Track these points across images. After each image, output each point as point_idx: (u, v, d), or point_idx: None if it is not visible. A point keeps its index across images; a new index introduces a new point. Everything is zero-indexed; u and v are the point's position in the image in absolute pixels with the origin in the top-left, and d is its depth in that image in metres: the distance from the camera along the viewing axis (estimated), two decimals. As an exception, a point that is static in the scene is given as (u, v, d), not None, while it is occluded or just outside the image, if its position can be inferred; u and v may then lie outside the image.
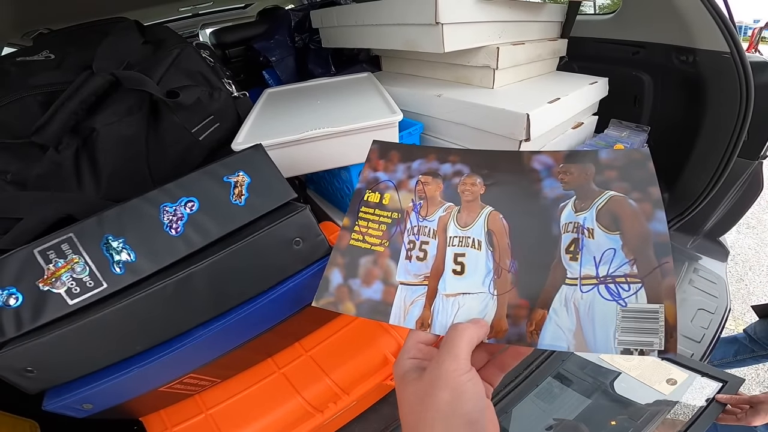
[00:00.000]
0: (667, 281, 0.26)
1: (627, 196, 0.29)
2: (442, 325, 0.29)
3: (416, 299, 0.30)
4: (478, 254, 0.31)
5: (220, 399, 0.48)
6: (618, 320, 0.26)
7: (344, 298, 0.31)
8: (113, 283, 0.38)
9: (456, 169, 0.34)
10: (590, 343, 0.26)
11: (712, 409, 0.63)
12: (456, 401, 0.24)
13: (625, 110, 0.98)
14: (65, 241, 0.39)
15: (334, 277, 0.32)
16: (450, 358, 0.25)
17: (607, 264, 0.28)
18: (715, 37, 0.76)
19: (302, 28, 1.03)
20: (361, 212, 0.34)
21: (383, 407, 0.59)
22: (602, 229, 0.29)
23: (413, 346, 0.29)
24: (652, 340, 0.25)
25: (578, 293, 0.27)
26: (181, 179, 0.41)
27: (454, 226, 0.32)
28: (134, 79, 0.55)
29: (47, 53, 0.62)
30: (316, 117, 0.67)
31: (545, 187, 0.31)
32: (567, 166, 0.32)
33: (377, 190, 0.35)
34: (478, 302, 0.29)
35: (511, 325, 0.28)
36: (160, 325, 0.38)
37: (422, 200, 0.34)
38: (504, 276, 0.29)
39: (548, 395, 0.73)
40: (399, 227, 0.33)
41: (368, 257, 0.32)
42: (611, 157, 0.31)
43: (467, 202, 0.33)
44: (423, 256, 0.32)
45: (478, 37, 0.76)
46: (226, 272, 0.38)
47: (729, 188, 0.93)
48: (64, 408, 0.38)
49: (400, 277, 0.31)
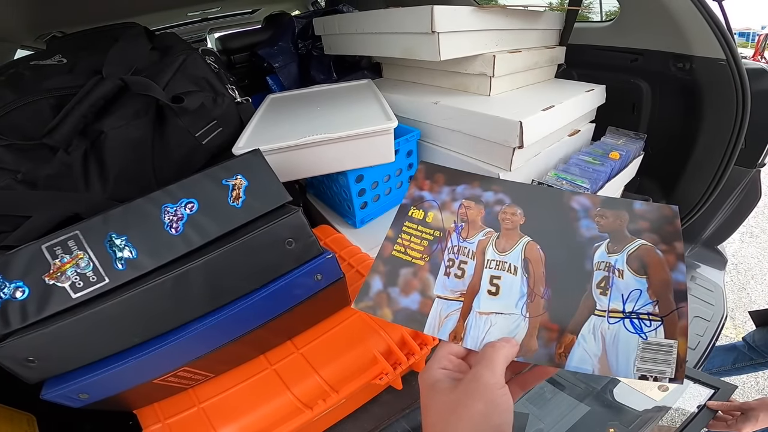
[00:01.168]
0: (682, 322, 0.30)
1: (656, 247, 0.33)
2: (474, 340, 0.31)
3: (451, 313, 0.33)
4: (514, 278, 0.33)
5: (213, 393, 0.49)
6: (639, 350, 0.29)
7: (383, 304, 0.33)
8: (115, 279, 0.40)
9: (498, 198, 0.37)
10: (613, 367, 0.29)
11: (702, 415, 0.64)
12: (490, 413, 0.25)
13: (623, 118, 0.98)
14: (71, 238, 0.41)
15: (375, 283, 0.34)
16: (488, 372, 0.27)
17: (633, 302, 0.31)
18: (711, 44, 0.76)
19: (305, 35, 1.06)
20: (405, 226, 0.36)
21: (374, 407, 0.61)
22: (631, 271, 0.32)
23: (444, 356, 0.30)
24: (665, 370, 0.29)
25: (605, 324, 0.31)
26: (182, 181, 0.43)
27: (493, 250, 0.35)
28: (141, 84, 0.58)
29: (60, 57, 0.65)
30: (315, 123, 0.69)
31: (582, 226, 0.34)
32: (603, 210, 0.35)
33: (422, 207, 0.37)
34: (509, 322, 0.32)
35: (542, 346, 0.31)
36: (157, 318, 0.40)
37: (464, 222, 0.36)
38: (537, 301, 0.32)
39: (540, 399, 0.74)
40: (440, 245, 0.35)
41: (409, 269, 0.35)
42: (644, 209, 0.35)
43: (506, 230, 0.35)
44: (461, 274, 0.34)
45: (474, 45, 0.78)
46: (222, 269, 0.40)
47: (726, 197, 0.93)
48: (61, 397, 0.40)
49: (438, 291, 0.33)
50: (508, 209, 0.36)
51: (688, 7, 0.75)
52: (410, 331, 0.55)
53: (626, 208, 0.35)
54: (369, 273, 0.35)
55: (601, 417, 0.68)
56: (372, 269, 0.35)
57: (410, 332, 0.55)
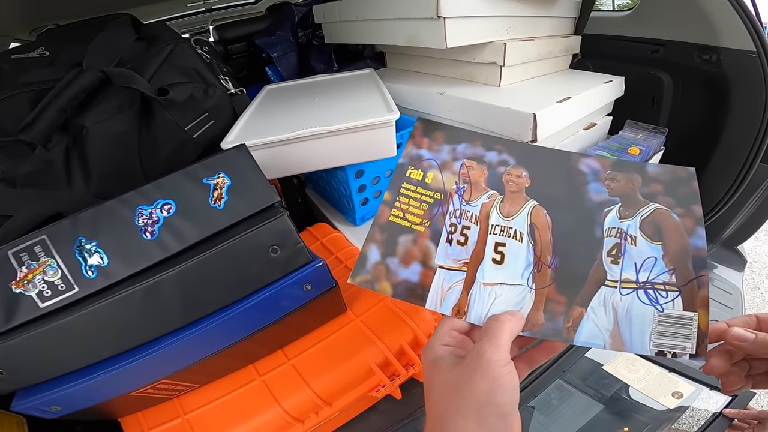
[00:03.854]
0: (702, 292, 0.28)
1: (671, 210, 0.31)
2: (478, 315, 0.29)
3: (454, 285, 0.30)
4: (520, 246, 0.31)
5: (199, 404, 0.47)
6: (654, 324, 0.28)
7: (381, 276, 0.31)
8: (85, 287, 0.37)
9: (501, 159, 0.34)
10: (627, 342, 0.27)
11: (718, 423, 0.60)
12: (493, 392, 0.24)
13: (642, 111, 0.93)
14: (38, 243, 0.38)
15: (372, 254, 0.31)
16: (492, 349, 0.25)
17: (647, 271, 0.29)
18: (741, 36, 0.72)
19: (305, 23, 1.01)
20: (403, 188, 0.33)
21: (372, 416, 0.58)
22: (645, 237, 0.30)
23: (447, 332, 0.29)
24: (685, 344, 0.27)
25: (617, 295, 0.29)
26: (158, 180, 0.39)
27: (497, 214, 0.32)
28: (124, 76, 0.54)
29: (42, 50, 0.61)
30: (312, 115, 0.65)
31: (591, 190, 0.32)
32: (614, 173, 0.33)
33: (420, 167, 0.34)
34: (515, 294, 0.29)
35: (548, 319, 0.29)
36: (127, 331, 0.37)
37: (466, 184, 0.33)
38: (544, 271, 0.30)
39: (547, 407, 0.71)
40: (441, 208, 0.32)
41: (408, 236, 0.32)
42: (658, 171, 0.32)
43: (511, 193, 0.32)
44: (464, 241, 0.31)
45: (483, 32, 0.73)
46: (198, 280, 0.37)
47: (750, 195, 0.88)
48: (32, 409, 0.38)
49: (440, 261, 0.31)
50: (512, 170, 0.33)
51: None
52: (409, 341, 0.51)
53: (639, 170, 0.32)
54: (365, 243, 0.31)
55: (612, 423, 0.65)
56: (368, 238, 0.32)
57: (409, 342, 0.51)
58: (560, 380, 0.72)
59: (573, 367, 0.74)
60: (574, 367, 0.74)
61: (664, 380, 0.68)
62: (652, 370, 0.70)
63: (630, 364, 0.72)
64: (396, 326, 0.51)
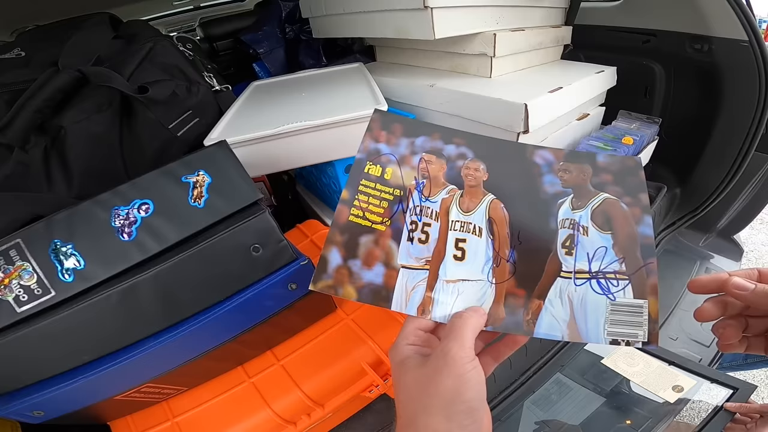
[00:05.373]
0: (651, 279, 0.29)
1: (620, 200, 0.31)
2: (443, 313, 0.29)
3: (417, 284, 0.30)
4: (479, 241, 0.31)
5: (188, 407, 0.46)
6: (607, 313, 0.28)
7: (344, 281, 0.29)
8: (62, 291, 0.36)
9: (460, 152, 0.33)
10: (582, 332, 0.28)
11: (719, 417, 0.59)
12: (460, 388, 0.24)
13: (634, 101, 0.93)
14: (13, 247, 0.37)
15: (333, 257, 0.30)
16: (456, 346, 0.25)
17: (599, 261, 0.30)
18: (733, 25, 0.71)
19: (293, 19, 1.00)
20: (362, 185, 0.32)
21: (367, 415, 0.57)
22: (596, 228, 0.31)
23: (412, 332, 0.28)
24: (637, 332, 0.28)
25: (572, 286, 0.29)
26: (135, 180, 0.38)
27: (457, 210, 0.32)
28: (102, 74, 0.53)
29: (18, 51, 0.60)
30: (300, 110, 0.64)
31: (545, 182, 0.32)
32: (566, 164, 0.33)
33: (378, 162, 0.33)
34: (476, 290, 0.29)
35: (509, 313, 0.29)
36: (107, 334, 0.35)
37: (425, 179, 0.32)
38: (503, 265, 0.30)
39: (546, 402, 0.70)
40: (401, 205, 0.32)
41: (369, 236, 0.31)
42: (607, 161, 0.33)
43: (470, 187, 0.32)
44: (425, 239, 0.31)
45: (472, 22, 0.71)
46: (177, 281, 0.35)
47: (745, 184, 0.88)
48: (14, 414, 0.37)
49: (402, 260, 0.30)
50: (470, 164, 0.33)
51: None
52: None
53: (589, 161, 0.33)
54: (325, 245, 0.30)
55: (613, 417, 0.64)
56: (328, 240, 0.30)
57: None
58: (559, 374, 0.72)
59: (572, 362, 0.73)
60: (573, 362, 0.73)
61: (663, 374, 0.67)
62: (651, 363, 0.69)
63: (629, 357, 0.72)
64: (387, 325, 0.50)
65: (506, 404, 0.68)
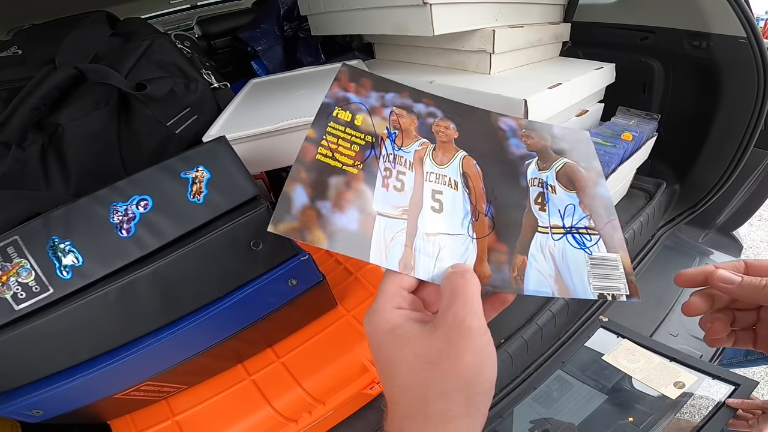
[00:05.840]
0: (617, 235, 0.30)
1: (578, 164, 0.34)
2: (426, 269, 0.27)
3: (396, 235, 0.28)
4: (455, 194, 0.30)
5: (188, 405, 0.46)
6: (588, 267, 0.29)
7: (311, 224, 0.26)
8: (60, 288, 0.35)
9: (430, 111, 0.33)
10: (570, 287, 0.28)
11: (721, 414, 0.59)
12: (481, 365, 0.20)
13: (634, 98, 0.92)
14: (11, 244, 0.36)
15: (298, 196, 0.26)
16: (471, 314, 0.21)
17: (570, 216, 0.31)
18: (731, 22, 0.71)
19: (291, 16, 0.99)
20: (330, 127, 0.30)
21: (368, 412, 0.57)
22: (562, 187, 0.32)
23: (396, 292, 0.24)
24: (618, 286, 0.28)
25: (551, 241, 0.30)
26: (133, 176, 0.37)
27: (431, 161, 0.31)
28: (99, 72, 0.52)
29: (15, 49, 0.59)
30: (298, 106, 0.63)
31: (511, 144, 0.34)
32: (528, 131, 0.35)
33: (348, 109, 0.31)
34: (458, 244, 0.28)
35: (494, 270, 0.28)
36: (104, 333, 0.35)
37: (397, 130, 0.32)
38: (482, 220, 0.30)
39: (547, 399, 0.70)
40: (374, 151, 0.30)
41: (340, 178, 0.28)
42: (561, 132, 0.36)
43: (442, 143, 0.32)
44: (400, 187, 0.29)
45: (471, 19, 0.71)
46: (176, 277, 0.35)
47: (744, 180, 0.88)
48: (13, 414, 0.37)
49: (378, 207, 0.28)
50: (441, 122, 0.33)
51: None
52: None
53: (548, 131, 0.35)
54: (287, 182, 0.27)
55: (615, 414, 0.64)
56: (291, 177, 0.27)
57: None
58: (560, 371, 0.72)
59: (573, 358, 0.73)
60: (574, 358, 0.73)
61: (664, 370, 0.67)
62: (652, 359, 0.69)
63: (630, 354, 0.71)
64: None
65: (507, 401, 0.68)
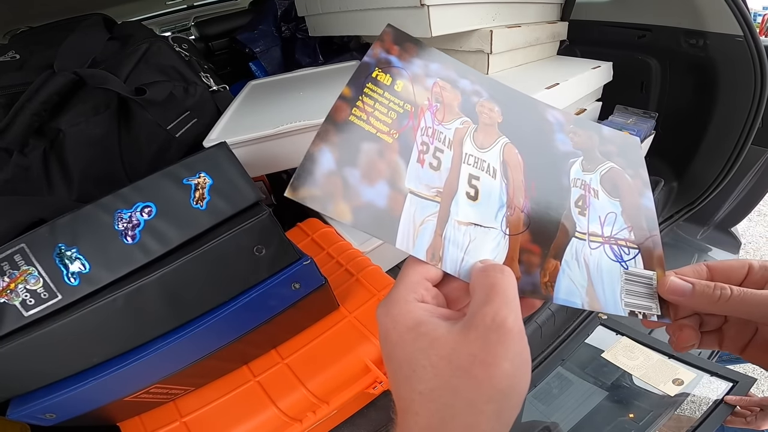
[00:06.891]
0: (657, 252, 0.28)
1: (624, 171, 0.31)
2: (453, 261, 0.24)
3: (427, 219, 0.25)
4: (493, 182, 0.27)
5: (196, 406, 0.46)
6: (623, 282, 0.27)
7: (336, 193, 0.23)
8: (68, 295, 0.36)
9: (475, 89, 0.30)
10: (602, 301, 0.26)
11: (720, 410, 0.60)
12: (517, 374, 0.18)
13: (631, 96, 0.93)
14: (18, 252, 0.37)
15: (324, 159, 0.23)
16: (513, 315, 0.19)
17: (610, 225, 0.29)
18: (727, 20, 0.72)
19: (289, 17, 0.99)
20: (368, 88, 0.26)
21: (371, 411, 0.57)
22: (605, 193, 0.30)
23: (420, 283, 0.22)
24: (651, 305, 0.26)
25: (587, 249, 0.28)
26: (137, 183, 0.38)
27: (471, 143, 0.28)
28: (98, 76, 0.53)
29: (13, 53, 0.59)
30: (298, 109, 0.64)
31: (557, 139, 0.31)
32: (576, 128, 0.32)
33: (389, 72, 0.27)
34: (490, 238, 0.26)
35: (524, 272, 0.25)
36: (114, 337, 0.36)
37: (439, 103, 0.28)
38: (517, 215, 0.27)
39: (547, 396, 0.71)
40: (412, 122, 0.27)
41: (372, 144, 0.25)
42: (611, 134, 0.33)
43: (485, 125, 0.29)
44: (437, 165, 0.26)
45: (469, 19, 0.72)
46: (182, 283, 0.36)
47: (742, 177, 0.89)
48: (27, 417, 0.38)
49: (410, 184, 0.25)
50: (485, 103, 0.30)
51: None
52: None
53: (596, 130, 0.33)
54: (314, 141, 0.23)
55: (615, 411, 0.65)
56: (319, 136, 0.23)
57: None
58: (560, 368, 0.72)
59: (572, 356, 0.74)
60: (574, 356, 0.74)
61: (663, 367, 0.68)
62: (651, 356, 0.70)
63: (629, 351, 0.72)
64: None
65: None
